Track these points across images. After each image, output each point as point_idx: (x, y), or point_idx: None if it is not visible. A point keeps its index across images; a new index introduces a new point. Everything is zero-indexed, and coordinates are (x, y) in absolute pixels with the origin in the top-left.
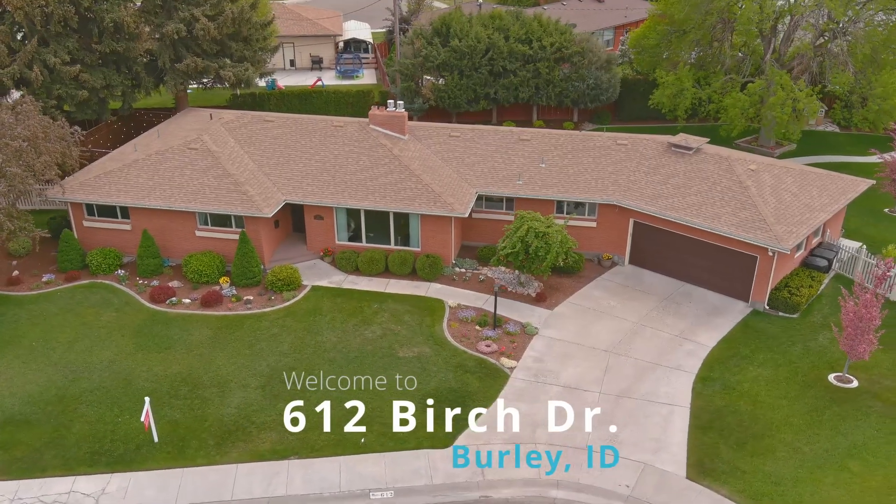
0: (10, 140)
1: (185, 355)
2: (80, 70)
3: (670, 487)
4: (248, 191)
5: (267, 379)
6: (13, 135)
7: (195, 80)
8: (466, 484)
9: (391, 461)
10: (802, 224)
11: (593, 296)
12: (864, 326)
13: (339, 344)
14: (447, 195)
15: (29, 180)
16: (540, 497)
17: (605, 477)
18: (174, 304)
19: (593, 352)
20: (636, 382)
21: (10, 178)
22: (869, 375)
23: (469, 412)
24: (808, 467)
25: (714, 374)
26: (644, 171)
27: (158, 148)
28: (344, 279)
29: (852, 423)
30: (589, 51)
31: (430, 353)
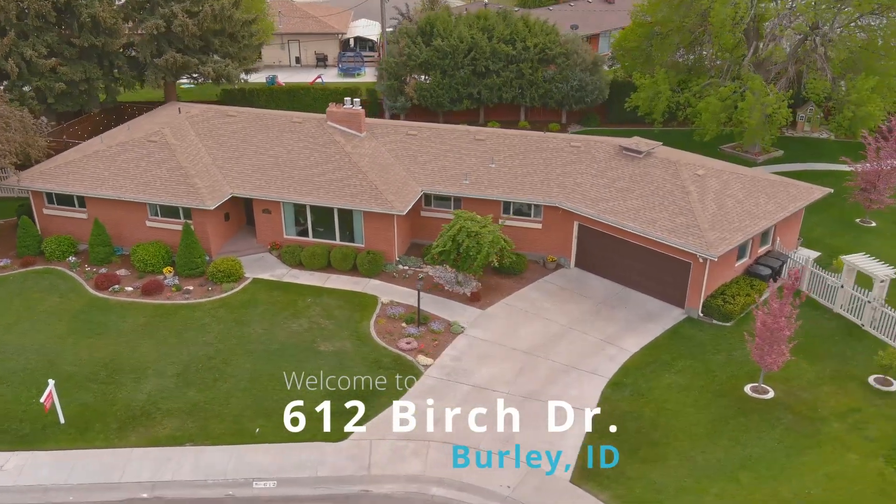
0: None
1: (113, 341)
2: (59, 63)
3: (551, 490)
4: (196, 183)
5: (184, 367)
6: None
7: (176, 75)
8: (350, 478)
9: (281, 452)
10: (739, 231)
11: (529, 297)
12: (774, 337)
13: (263, 336)
14: (389, 193)
15: None
16: (419, 494)
17: (489, 477)
18: (116, 291)
19: (513, 353)
20: (547, 385)
21: None
22: (788, 387)
23: (372, 407)
24: (697, 477)
25: (628, 379)
26: (591, 174)
27: (122, 140)
28: (286, 273)
29: (755, 434)
30: (573, 52)
31: (350, 348)
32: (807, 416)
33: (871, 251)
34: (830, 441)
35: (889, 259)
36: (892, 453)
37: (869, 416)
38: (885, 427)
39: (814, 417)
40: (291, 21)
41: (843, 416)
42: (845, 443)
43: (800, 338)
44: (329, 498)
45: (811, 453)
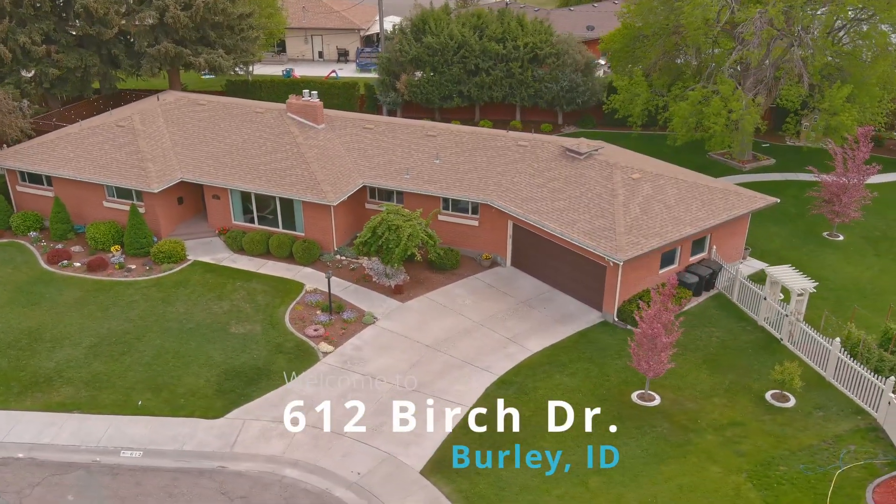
0: None
1: (45, 312)
2: (55, 50)
3: (397, 479)
4: (148, 167)
5: (99, 340)
6: None
7: (171, 64)
8: (212, 454)
9: (158, 425)
10: (656, 237)
11: (453, 293)
12: (651, 343)
13: (183, 315)
14: (326, 184)
15: None
16: (272, 474)
17: (344, 462)
18: (65, 266)
19: (415, 346)
20: (437, 378)
21: None
22: (677, 396)
23: (259, 389)
24: (545, 478)
25: (517, 378)
26: (529, 174)
27: (95, 124)
28: (227, 257)
29: (623, 440)
30: (565, 53)
31: (259, 331)
32: (684, 426)
33: (824, 266)
34: (698, 453)
35: (841, 275)
36: (758, 470)
37: (750, 431)
38: (762, 443)
39: (690, 428)
40: (316, 16)
41: (721, 430)
42: (713, 456)
43: (712, 348)
44: (185, 471)
45: (673, 463)
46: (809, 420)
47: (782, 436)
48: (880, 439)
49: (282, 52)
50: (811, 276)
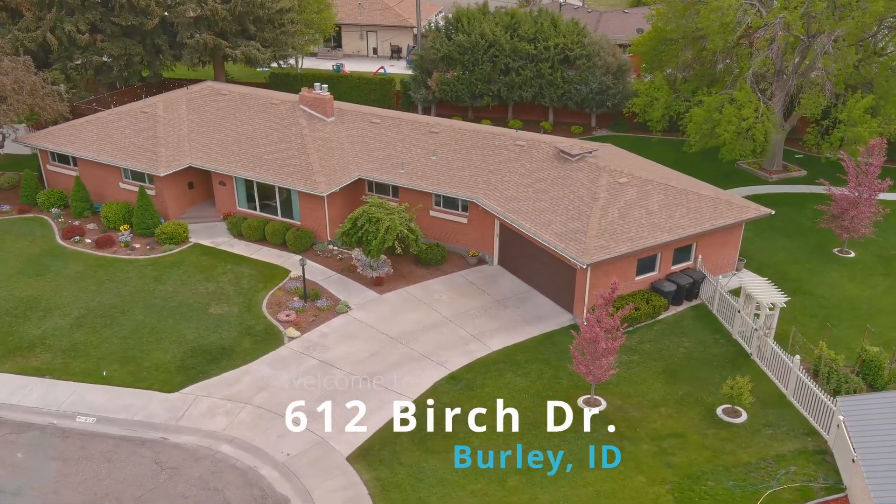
0: None
1: (47, 283)
2: (100, 39)
3: (323, 463)
4: (160, 152)
5: (87, 312)
6: None
7: (211, 55)
8: (157, 425)
9: (116, 395)
10: (628, 242)
11: (433, 288)
12: (591, 348)
13: (170, 294)
14: (321, 175)
15: None
16: (208, 448)
17: (278, 443)
18: (77, 241)
19: (379, 336)
20: (390, 369)
21: None
22: (624, 403)
23: (218, 368)
24: (466, 473)
25: (468, 375)
26: (520, 174)
27: (123, 110)
28: (226, 241)
29: (556, 442)
30: (596, 55)
31: (235, 313)
32: (622, 433)
33: (823, 283)
34: (627, 461)
35: (839, 293)
36: (684, 483)
37: (688, 443)
38: (696, 457)
39: (627, 436)
40: (371, 13)
41: (659, 440)
42: (642, 465)
43: (676, 359)
44: (129, 439)
45: (599, 470)
46: (755, 437)
47: (721, 451)
48: (825, 463)
49: (337, 48)
50: (807, 293)
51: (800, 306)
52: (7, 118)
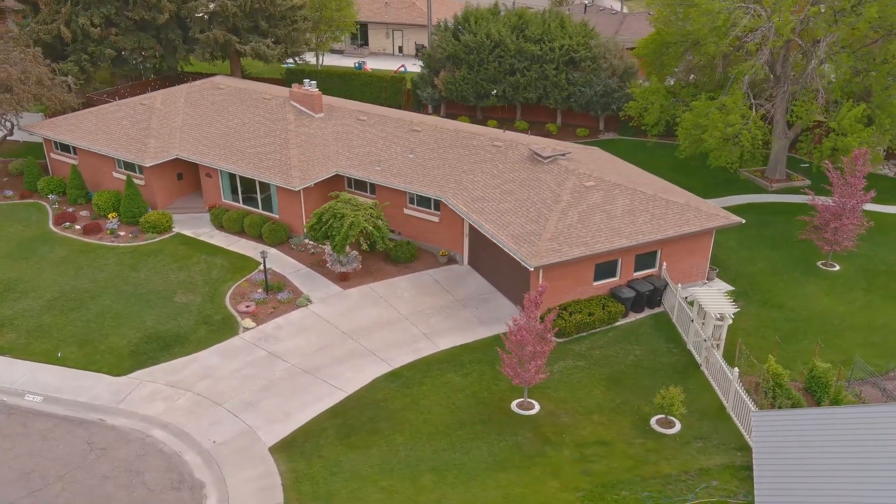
0: None
1: (30, 266)
2: (114, 33)
3: (246, 452)
4: (149, 143)
5: (59, 295)
6: None
7: (223, 51)
8: (99, 407)
9: (68, 376)
10: (581, 246)
11: (397, 286)
12: (519, 351)
13: (141, 281)
14: (297, 170)
15: None
16: (140, 432)
17: (208, 430)
18: (67, 228)
19: (332, 331)
20: (334, 364)
21: None
22: (557, 408)
23: (169, 354)
24: (382, 469)
25: (409, 372)
26: (491, 174)
27: (124, 101)
28: (206, 232)
29: (479, 443)
30: (602, 57)
31: (198, 302)
32: (546, 438)
33: (798, 295)
34: (545, 466)
35: (813, 306)
36: (597, 491)
37: (612, 451)
38: (617, 466)
39: (552, 441)
40: (398, 11)
41: (583, 447)
42: (558, 471)
43: (623, 366)
44: (69, 419)
45: (514, 473)
46: (683, 449)
47: (643, 461)
48: (749, 479)
49: (363, 46)
50: (778, 305)
51: (767, 318)
52: (10, 107)
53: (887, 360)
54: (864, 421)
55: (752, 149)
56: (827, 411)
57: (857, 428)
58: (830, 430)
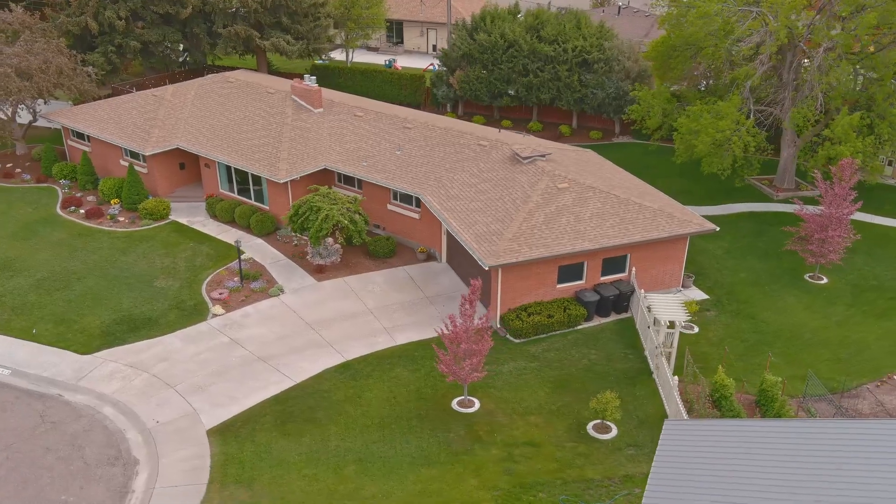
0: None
1: (29, 246)
2: (140, 26)
3: (184, 433)
4: (153, 133)
5: (49, 275)
6: (6, 62)
7: (245, 45)
8: (60, 382)
9: (38, 352)
10: (542, 248)
11: (371, 280)
12: (454, 348)
13: (128, 265)
14: (285, 163)
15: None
16: (92, 408)
17: (154, 411)
18: (72, 212)
19: (296, 322)
20: (290, 353)
21: None
22: (497, 408)
23: (136, 336)
24: (308, 457)
25: (360, 365)
26: (471, 173)
27: (141, 92)
28: (200, 221)
29: (409, 438)
30: (615, 59)
31: (175, 287)
32: (477, 436)
33: (773, 308)
34: (468, 464)
35: (785, 320)
36: (514, 491)
37: (540, 453)
38: (541, 467)
39: (482, 440)
40: (432, 10)
41: (512, 447)
42: (481, 469)
43: (574, 370)
44: (30, 393)
45: (436, 469)
46: (613, 455)
47: (569, 465)
48: None
49: (399, 44)
50: (750, 316)
51: (735, 329)
52: (28, 94)
53: (850, 378)
54: (770, 435)
55: (744, 155)
56: (738, 423)
57: (762, 441)
58: (735, 442)
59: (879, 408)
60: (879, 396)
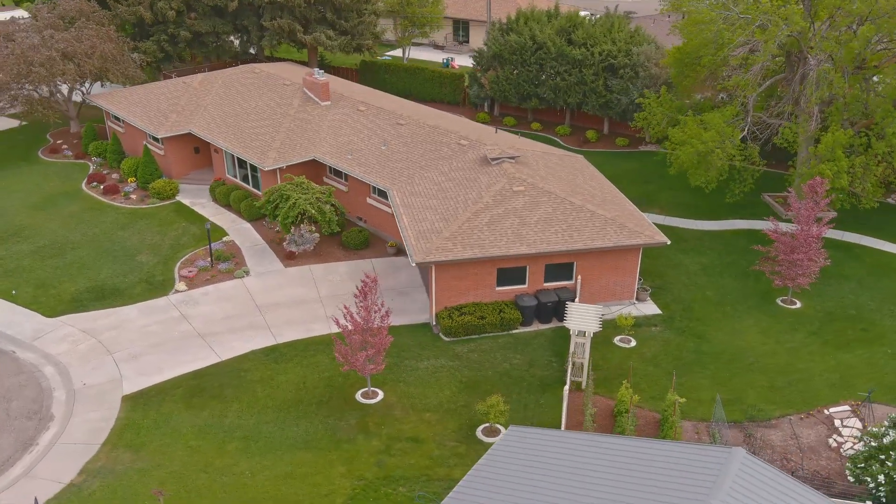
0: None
1: (43, 217)
2: (192, 17)
3: (104, 396)
4: (170, 117)
5: (49, 243)
6: (54, 46)
7: (290, 38)
8: (18, 340)
9: (10, 312)
10: (476, 248)
11: (334, 270)
12: (350, 339)
13: (121, 239)
14: (274, 152)
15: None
16: (34, 366)
17: (87, 374)
18: (94, 187)
19: (248, 303)
20: (229, 332)
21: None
22: (399, 401)
23: (99, 305)
24: (200, 430)
25: (288, 349)
26: (442, 171)
27: (177, 79)
28: (201, 203)
29: (294, 421)
30: (641, 65)
31: (153, 262)
32: (365, 428)
33: (724, 329)
34: (343, 452)
35: (732, 341)
36: (376, 482)
37: (419, 449)
38: (413, 463)
39: (369, 431)
40: (499, 9)
41: (394, 441)
42: (354, 459)
43: (491, 373)
44: None
45: (313, 453)
46: None
47: (442, 463)
48: None
49: (465, 42)
50: (697, 335)
51: (674, 347)
52: (71, 77)
53: (776, 407)
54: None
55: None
56: (570, 435)
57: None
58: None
59: (792, 440)
60: (799, 429)
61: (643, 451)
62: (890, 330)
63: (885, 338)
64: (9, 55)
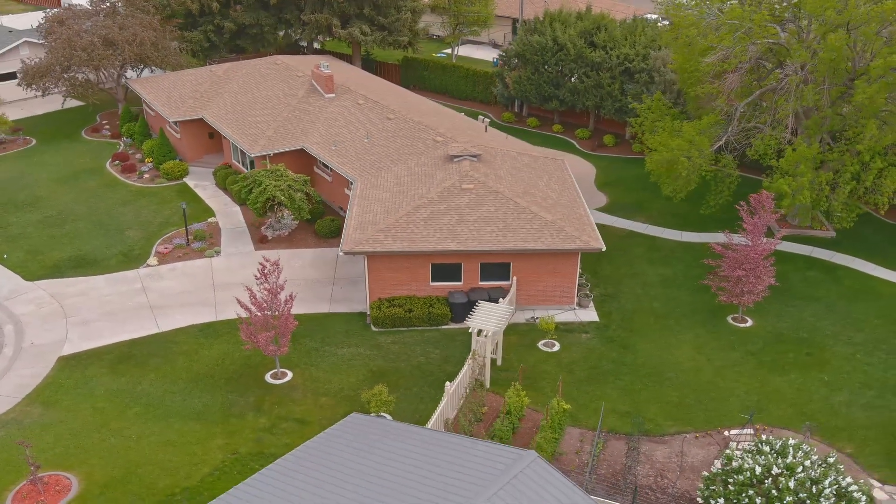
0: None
1: (62, 190)
2: (237, 10)
3: (44, 354)
4: (187, 103)
5: (57, 213)
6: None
7: (328, 32)
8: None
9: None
10: (405, 242)
11: (300, 256)
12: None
13: (119, 214)
14: (264, 139)
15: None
16: None
17: (40, 333)
18: (116, 165)
19: (206, 281)
20: (178, 307)
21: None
22: (303, 383)
23: (74, 272)
24: (112, 394)
25: (222, 326)
26: (408, 166)
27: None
28: (203, 185)
29: (199, 394)
30: (656, 70)
31: (136, 238)
32: (259, 406)
33: (656, 342)
34: (231, 426)
35: (657, 355)
36: (247, 458)
37: (301, 430)
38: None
39: (262, 409)
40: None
41: (282, 420)
42: (236, 434)
43: (403, 365)
44: None
45: (203, 425)
46: None
47: None
48: None
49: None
50: (625, 346)
51: (594, 355)
52: (109, 62)
53: (676, 424)
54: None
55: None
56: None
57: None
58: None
59: (677, 458)
60: (690, 448)
61: (452, 446)
62: (837, 357)
63: (828, 364)
64: (56, 39)
